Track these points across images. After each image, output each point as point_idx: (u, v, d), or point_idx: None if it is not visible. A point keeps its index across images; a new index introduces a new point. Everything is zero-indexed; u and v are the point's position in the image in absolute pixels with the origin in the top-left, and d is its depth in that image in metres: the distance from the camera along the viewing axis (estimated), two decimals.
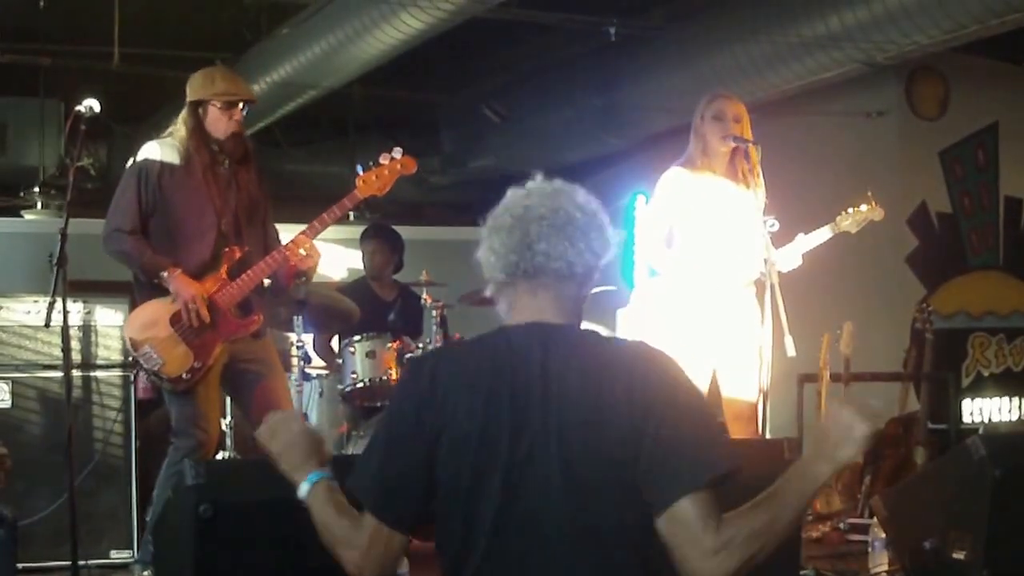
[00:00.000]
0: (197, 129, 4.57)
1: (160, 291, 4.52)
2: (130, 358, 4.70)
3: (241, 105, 4.62)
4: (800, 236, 5.04)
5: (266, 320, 4.74)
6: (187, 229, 4.54)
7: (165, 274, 4.45)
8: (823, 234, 5.05)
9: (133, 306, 4.80)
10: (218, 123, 4.59)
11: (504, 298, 2.37)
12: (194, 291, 4.43)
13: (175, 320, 4.47)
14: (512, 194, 2.36)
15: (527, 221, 2.30)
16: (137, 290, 4.64)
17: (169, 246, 4.53)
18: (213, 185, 4.56)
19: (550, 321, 2.32)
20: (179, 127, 4.62)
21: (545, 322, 2.32)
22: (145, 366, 4.49)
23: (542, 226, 2.30)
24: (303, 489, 2.40)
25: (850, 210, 5.10)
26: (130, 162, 4.65)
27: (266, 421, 2.51)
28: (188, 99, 4.62)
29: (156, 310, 4.50)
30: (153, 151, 4.57)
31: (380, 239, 6.68)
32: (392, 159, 4.69)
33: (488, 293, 2.40)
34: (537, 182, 2.37)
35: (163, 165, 4.54)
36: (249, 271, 4.54)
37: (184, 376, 4.45)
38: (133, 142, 4.73)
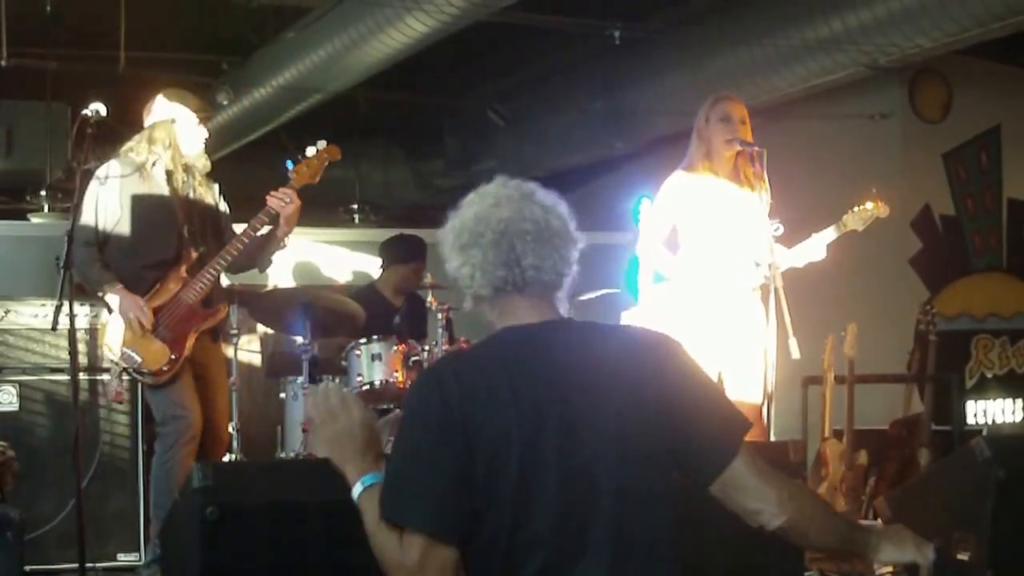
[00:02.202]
0: (173, 145, 4.89)
1: None
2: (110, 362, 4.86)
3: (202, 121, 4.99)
4: (801, 243, 5.05)
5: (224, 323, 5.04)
6: (148, 237, 4.84)
7: (107, 287, 4.74)
8: (830, 234, 5.05)
9: None
10: (192, 139, 4.95)
11: (493, 306, 2.36)
12: (131, 302, 4.72)
13: None
14: (478, 204, 2.34)
15: (510, 236, 2.30)
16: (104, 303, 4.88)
17: (132, 252, 4.81)
18: (176, 196, 4.88)
19: (553, 318, 2.35)
20: (143, 143, 4.90)
21: (549, 320, 2.34)
22: (126, 366, 4.76)
23: (527, 241, 2.30)
24: (357, 490, 2.28)
25: (856, 208, 5.11)
26: (92, 180, 4.85)
27: (322, 391, 2.37)
28: (162, 117, 4.92)
29: None
30: (115, 169, 4.84)
31: (426, 257, 6.55)
32: (318, 150, 5.11)
33: (466, 307, 2.38)
34: (496, 187, 2.36)
35: (124, 181, 4.82)
36: (209, 269, 4.83)
37: (164, 368, 4.74)
38: None
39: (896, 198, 7.63)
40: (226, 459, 5.07)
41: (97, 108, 4.51)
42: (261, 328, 6.83)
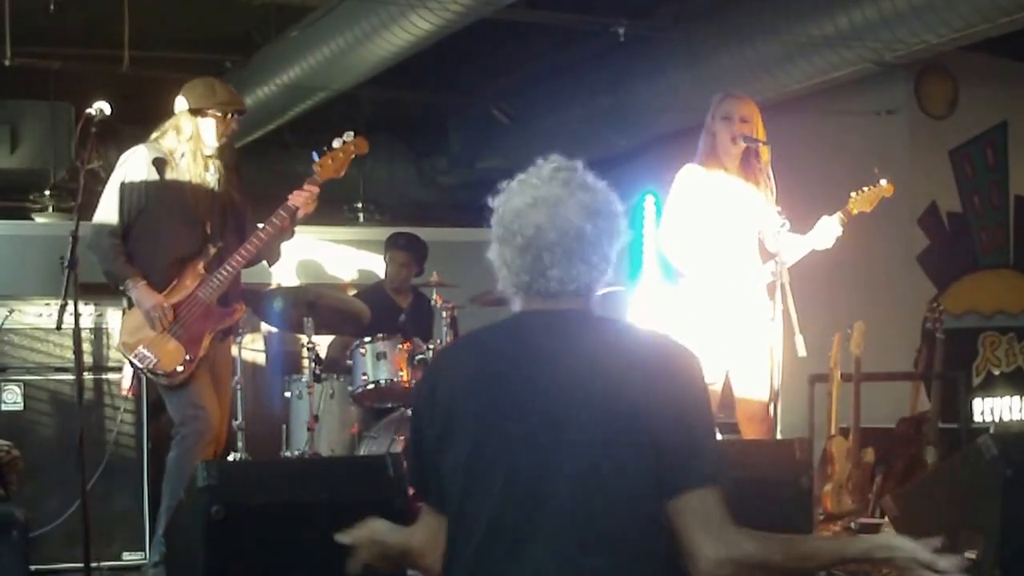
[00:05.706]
0: (195, 136, 4.78)
1: None
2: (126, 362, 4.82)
3: (231, 115, 4.85)
4: (824, 218, 5.03)
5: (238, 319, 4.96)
6: (172, 228, 4.76)
7: (129, 282, 4.66)
8: (837, 223, 5.03)
9: None
10: (215, 131, 4.80)
11: (520, 301, 2.37)
12: (155, 301, 4.64)
13: None
14: (519, 196, 2.32)
15: (539, 247, 2.28)
16: (125, 296, 4.78)
17: (154, 242, 4.73)
18: (200, 188, 4.78)
19: (564, 307, 2.31)
20: (170, 133, 4.81)
21: (558, 308, 2.31)
22: (141, 366, 4.67)
23: (555, 252, 2.27)
24: None
25: (865, 189, 5.12)
26: (119, 164, 4.80)
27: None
28: (187, 107, 4.79)
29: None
30: (141, 156, 4.76)
31: (410, 251, 6.59)
32: (344, 142, 4.99)
33: (500, 288, 2.39)
34: (540, 181, 2.32)
35: (150, 169, 4.74)
36: (226, 265, 4.74)
37: (178, 369, 4.66)
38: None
39: (902, 195, 7.62)
40: (231, 458, 5.07)
41: (101, 107, 4.50)
42: (265, 327, 6.83)
